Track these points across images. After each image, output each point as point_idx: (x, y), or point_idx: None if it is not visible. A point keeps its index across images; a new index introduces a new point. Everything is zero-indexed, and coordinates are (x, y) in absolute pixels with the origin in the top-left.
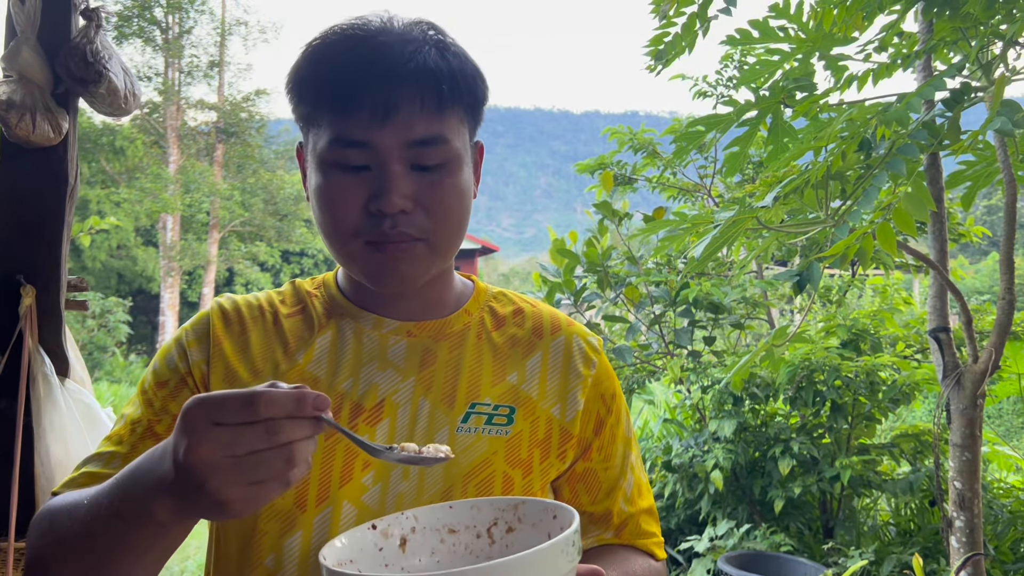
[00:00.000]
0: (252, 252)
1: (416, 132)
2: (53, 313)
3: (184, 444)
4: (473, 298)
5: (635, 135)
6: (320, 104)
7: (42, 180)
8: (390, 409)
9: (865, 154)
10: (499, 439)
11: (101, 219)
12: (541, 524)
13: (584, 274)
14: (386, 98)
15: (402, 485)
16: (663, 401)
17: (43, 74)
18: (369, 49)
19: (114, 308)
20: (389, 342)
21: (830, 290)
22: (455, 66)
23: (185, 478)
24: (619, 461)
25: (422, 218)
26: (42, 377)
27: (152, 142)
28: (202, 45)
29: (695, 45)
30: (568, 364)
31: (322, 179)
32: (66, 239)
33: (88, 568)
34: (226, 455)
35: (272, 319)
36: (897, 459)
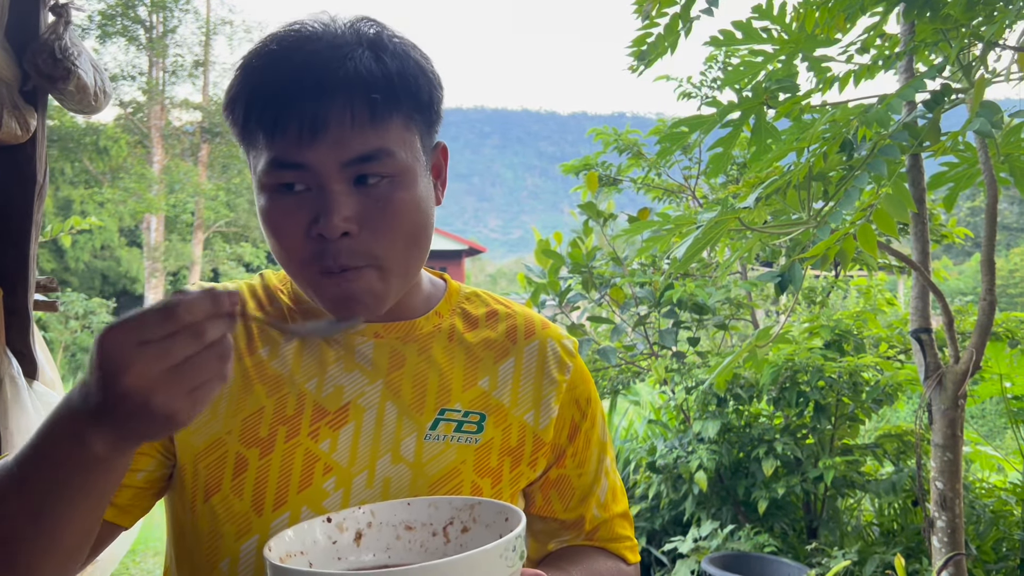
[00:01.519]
0: (237, 253)
1: (352, 149)
2: (21, 314)
3: (113, 371)
4: (445, 299)
5: (620, 136)
6: (250, 124)
7: (9, 179)
8: (355, 412)
9: (847, 155)
10: (468, 447)
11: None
12: (494, 525)
13: (569, 275)
14: (313, 114)
15: (365, 493)
16: (648, 402)
17: (10, 71)
18: (296, 62)
19: (97, 309)
20: (356, 343)
21: (814, 291)
22: (392, 69)
23: (124, 403)
24: (594, 467)
25: (369, 240)
26: (9, 379)
27: (136, 142)
28: (186, 44)
29: (677, 46)
30: (542, 369)
31: (265, 203)
32: (34, 239)
33: (22, 523)
34: (162, 368)
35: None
36: (880, 459)
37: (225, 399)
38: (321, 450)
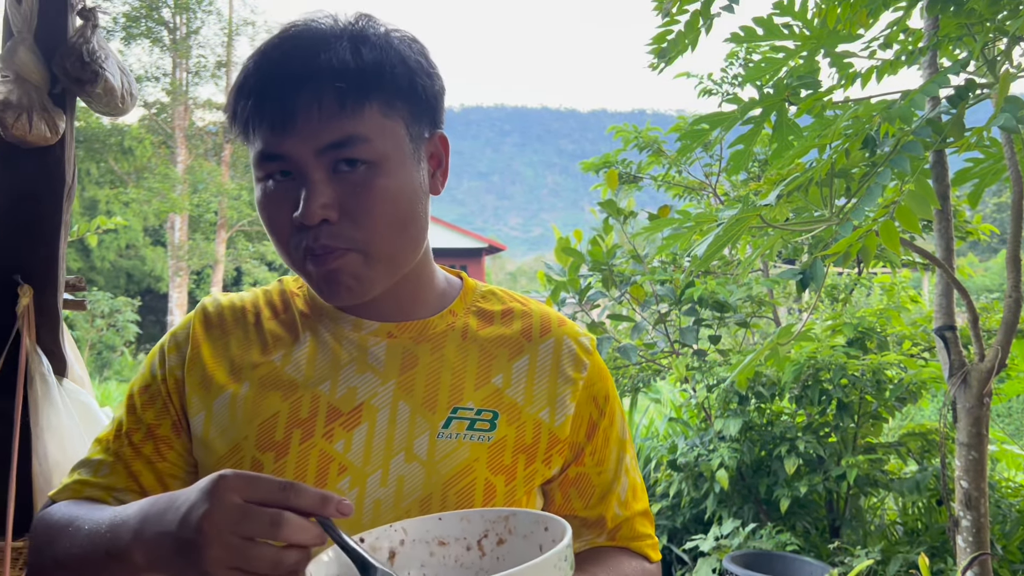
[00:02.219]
0: (260, 251)
1: (322, 137)
2: (50, 312)
3: (204, 509)
4: (460, 298)
5: (640, 133)
6: (239, 119)
7: (39, 180)
8: (369, 413)
9: (870, 151)
10: (481, 445)
11: (109, 219)
12: (532, 536)
13: (589, 273)
14: (283, 106)
15: (379, 491)
16: (669, 400)
17: (40, 74)
18: (276, 57)
19: (123, 308)
20: (369, 344)
21: (837, 288)
22: (367, 59)
23: (188, 538)
24: (613, 465)
25: (349, 226)
26: (39, 377)
27: (160, 142)
28: (209, 45)
29: (698, 43)
30: (557, 367)
31: (258, 193)
32: (63, 238)
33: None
34: (234, 529)
35: (254, 320)
36: (904, 458)
37: (241, 407)
38: (335, 450)
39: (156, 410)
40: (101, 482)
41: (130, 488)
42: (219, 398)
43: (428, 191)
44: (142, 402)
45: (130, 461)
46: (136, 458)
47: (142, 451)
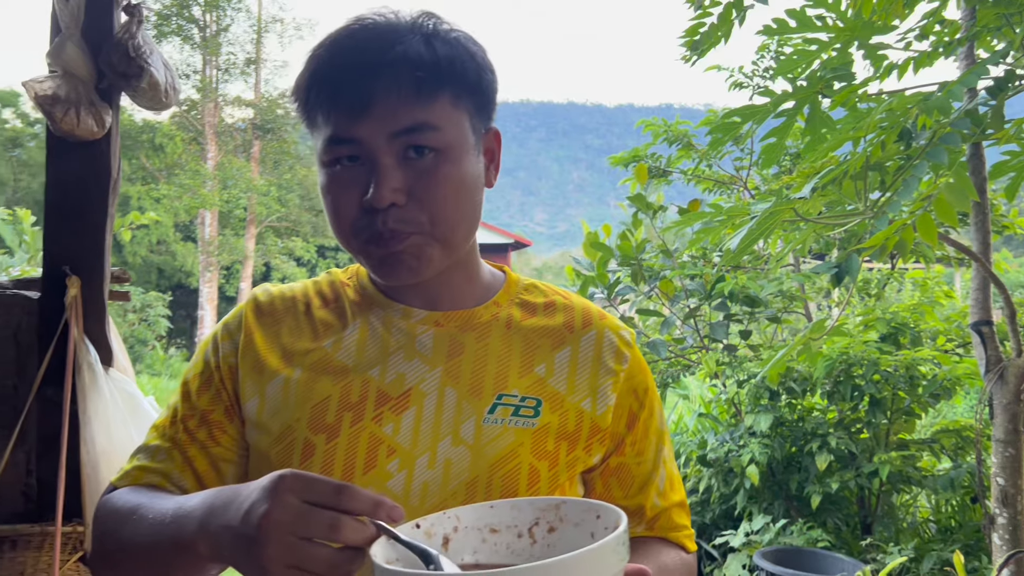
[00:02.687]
0: (288, 247)
1: (398, 122)
2: (97, 303)
3: (264, 508)
4: (504, 289)
5: (670, 127)
6: (310, 106)
7: (86, 173)
8: (416, 398)
9: (905, 144)
10: (526, 431)
11: (141, 215)
12: (584, 524)
13: (618, 268)
14: (362, 91)
15: (427, 474)
16: (698, 396)
17: (87, 69)
18: (352, 45)
19: (154, 302)
20: (417, 332)
21: (869, 283)
22: (440, 52)
23: (248, 534)
24: (652, 455)
25: (415, 211)
26: (87, 366)
27: (191, 139)
28: (239, 43)
29: (731, 35)
30: (599, 359)
31: (324, 179)
32: (109, 230)
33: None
34: (293, 530)
35: (304, 309)
36: (937, 455)
37: (294, 391)
38: (385, 433)
39: (210, 396)
40: (158, 467)
41: (185, 473)
42: (272, 382)
43: (484, 183)
44: (196, 388)
45: (185, 446)
46: (191, 443)
47: (196, 436)
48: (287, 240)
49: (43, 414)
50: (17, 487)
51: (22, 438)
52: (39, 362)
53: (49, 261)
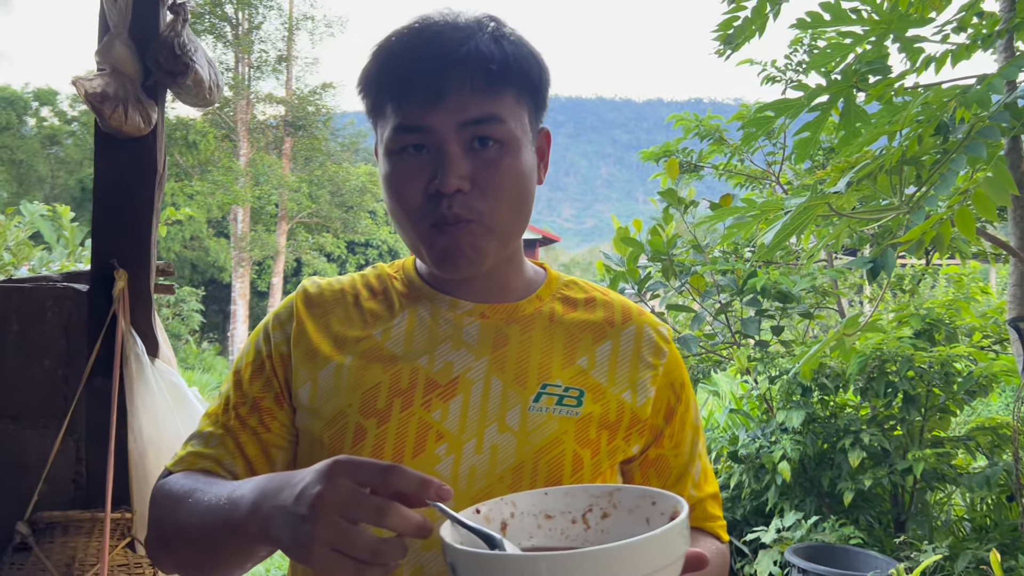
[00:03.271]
0: (319, 243)
1: (468, 112)
2: (144, 296)
3: (318, 489)
4: (545, 285)
5: (701, 122)
6: (381, 95)
7: (133, 169)
8: (464, 385)
9: (942, 138)
10: (569, 419)
11: (176, 211)
12: (638, 510)
13: (648, 263)
14: (436, 81)
15: (474, 459)
16: (728, 391)
17: (134, 67)
18: (424, 40)
19: (188, 297)
20: (463, 323)
21: (902, 279)
22: (508, 50)
23: (299, 513)
24: (688, 448)
25: (478, 199)
26: (134, 357)
27: (223, 136)
28: (270, 40)
29: (765, 28)
30: (638, 353)
31: (389, 167)
32: (155, 225)
33: (199, 556)
34: (342, 511)
35: (353, 300)
36: (973, 452)
37: (346, 377)
38: (433, 419)
39: (261, 384)
40: (211, 453)
41: (236, 458)
42: (325, 369)
43: (536, 180)
44: (248, 376)
45: (237, 433)
46: (242, 430)
47: (248, 423)
48: (318, 236)
49: (92, 404)
50: (68, 475)
51: (72, 427)
52: (88, 353)
53: (97, 255)
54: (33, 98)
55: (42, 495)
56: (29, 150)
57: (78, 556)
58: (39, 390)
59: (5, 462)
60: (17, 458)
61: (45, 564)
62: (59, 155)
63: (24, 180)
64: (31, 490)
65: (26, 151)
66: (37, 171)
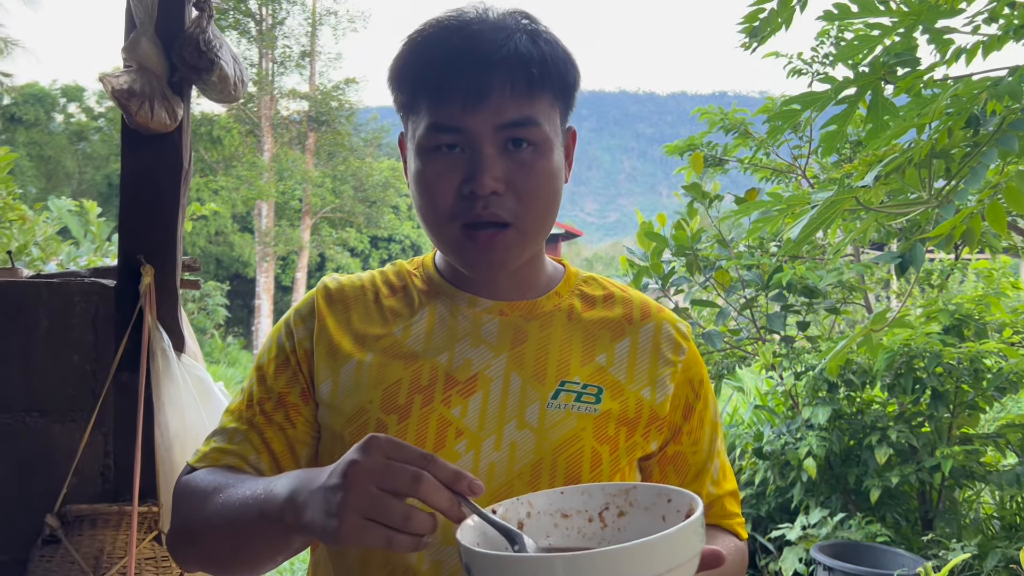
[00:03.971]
0: (342, 238)
1: (507, 115)
2: (170, 291)
3: (353, 458)
4: (564, 281)
5: (726, 115)
6: (417, 93)
7: (159, 165)
8: (483, 382)
9: (973, 131)
10: (588, 416)
11: (201, 206)
12: (654, 508)
13: (672, 258)
14: (478, 83)
15: (493, 455)
16: (753, 387)
17: (160, 63)
18: (462, 38)
19: (213, 292)
20: (483, 320)
21: (931, 274)
22: (546, 52)
23: (334, 484)
24: (707, 445)
25: (512, 201)
26: (160, 352)
27: (247, 131)
28: (294, 36)
29: (792, 21)
30: (657, 350)
31: (420, 165)
32: (181, 220)
33: (227, 551)
34: (373, 481)
35: (373, 298)
36: (1003, 450)
37: (367, 374)
38: (453, 415)
39: (286, 379)
40: (236, 449)
41: (262, 454)
42: (346, 366)
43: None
44: (272, 372)
45: (263, 428)
46: (268, 425)
47: (274, 418)
48: (341, 231)
49: (119, 398)
50: (96, 468)
51: (100, 421)
52: (115, 348)
53: (124, 250)
54: (61, 94)
55: (71, 488)
56: (57, 146)
57: (106, 549)
58: (67, 384)
59: (35, 456)
60: (46, 452)
61: (74, 556)
62: (86, 151)
63: (52, 176)
64: (60, 483)
65: (54, 147)
66: (65, 167)
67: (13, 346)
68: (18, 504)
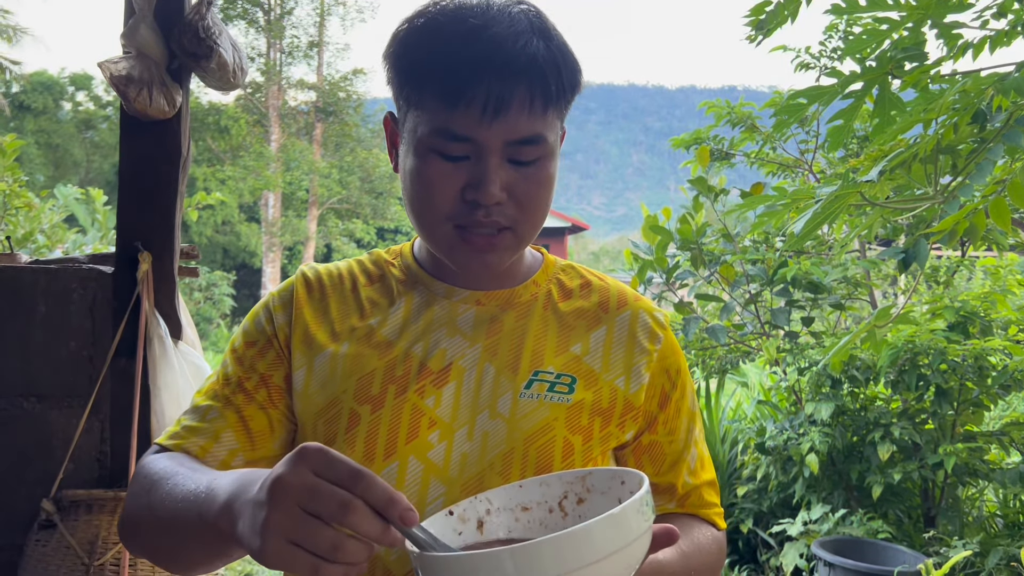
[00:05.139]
0: (349, 229)
1: (520, 131)
2: (167, 278)
3: (278, 473)
4: (541, 270)
5: (733, 109)
6: (426, 89)
7: (158, 151)
8: (456, 372)
9: (979, 126)
10: (560, 406)
11: (208, 195)
12: (611, 491)
13: (677, 252)
14: (500, 96)
15: (466, 445)
16: (757, 382)
17: (159, 50)
18: (483, 41)
19: (219, 281)
20: (459, 310)
21: (937, 271)
22: (559, 61)
23: (259, 499)
24: (683, 435)
25: (512, 209)
26: (157, 339)
27: (255, 121)
28: (302, 26)
29: (798, 14)
30: (633, 339)
31: (420, 163)
32: (179, 208)
33: (168, 546)
34: (300, 500)
35: (351, 287)
36: (1007, 448)
37: (342, 364)
38: (427, 406)
39: (269, 361)
40: (207, 427)
41: (239, 432)
42: (320, 356)
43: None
44: (252, 355)
45: (242, 406)
46: (249, 403)
47: (255, 397)
48: (347, 222)
49: (116, 384)
50: (92, 453)
51: (96, 407)
52: (113, 334)
53: (122, 236)
54: (69, 83)
55: (67, 473)
56: (65, 134)
57: (101, 534)
58: (65, 370)
59: (31, 441)
60: (43, 437)
61: (69, 541)
62: (94, 139)
63: (60, 164)
64: (56, 468)
65: (62, 135)
66: (72, 155)
67: (11, 331)
68: (14, 488)
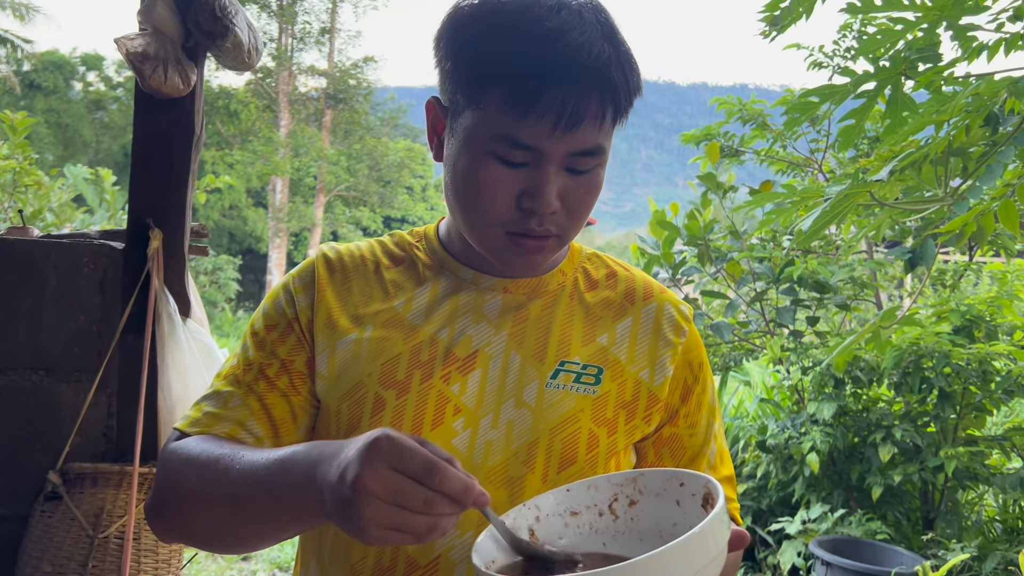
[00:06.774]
0: (356, 217)
1: (585, 144)
2: (177, 256)
3: (358, 470)
4: (568, 259)
5: (744, 106)
6: (493, 93)
7: (171, 129)
8: (482, 360)
9: (991, 129)
10: (586, 397)
11: (216, 179)
12: (666, 493)
13: (684, 248)
14: (576, 110)
15: (491, 433)
16: (760, 381)
17: (175, 28)
18: (558, 49)
19: (225, 265)
20: (485, 297)
21: (944, 274)
22: (627, 69)
23: (344, 495)
24: (704, 429)
25: (565, 216)
26: (166, 316)
27: (265, 106)
28: (314, 12)
29: (813, 11)
30: (658, 331)
31: (475, 165)
32: (191, 186)
33: (222, 525)
34: (386, 499)
35: (374, 268)
36: (1008, 453)
37: (366, 347)
38: (452, 392)
39: (290, 346)
40: (231, 415)
41: (261, 420)
42: (343, 339)
43: None
44: (273, 339)
45: (264, 394)
46: (271, 391)
47: (277, 384)
48: (354, 210)
49: (124, 360)
50: (99, 428)
51: (104, 382)
52: (122, 310)
53: (133, 213)
54: (80, 63)
55: (74, 447)
56: (75, 114)
57: (106, 508)
58: (73, 344)
59: (39, 413)
60: (50, 409)
61: (75, 513)
62: (104, 120)
63: (70, 144)
64: (63, 441)
65: (72, 115)
66: (82, 135)
67: (21, 304)
68: (21, 460)
